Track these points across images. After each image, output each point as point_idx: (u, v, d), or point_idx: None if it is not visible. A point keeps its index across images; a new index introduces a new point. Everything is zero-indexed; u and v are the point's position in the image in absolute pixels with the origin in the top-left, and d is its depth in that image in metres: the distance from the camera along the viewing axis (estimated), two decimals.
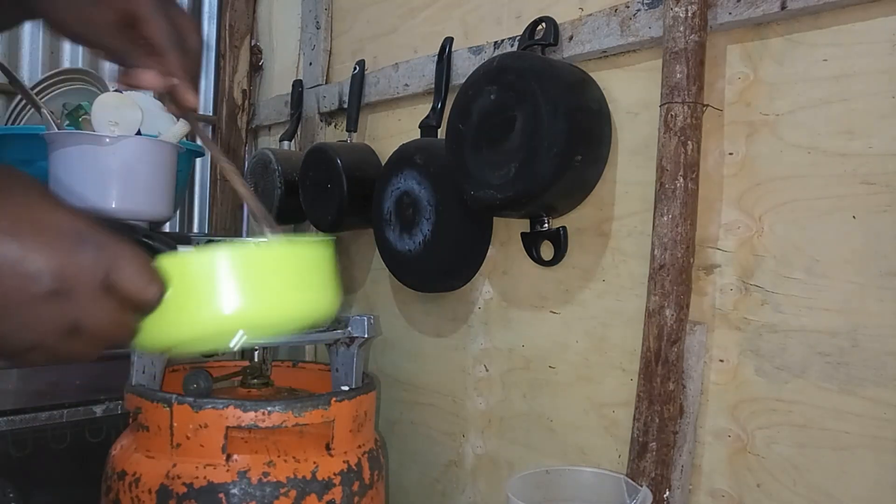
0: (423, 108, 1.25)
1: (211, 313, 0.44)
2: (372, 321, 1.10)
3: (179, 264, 0.44)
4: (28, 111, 1.45)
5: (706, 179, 0.87)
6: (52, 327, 0.38)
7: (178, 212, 1.83)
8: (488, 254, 1.16)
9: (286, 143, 1.58)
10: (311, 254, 0.49)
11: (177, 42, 0.55)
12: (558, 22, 1.02)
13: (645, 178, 0.93)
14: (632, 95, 0.97)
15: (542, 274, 1.08)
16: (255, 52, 1.85)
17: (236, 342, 0.48)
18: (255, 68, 1.85)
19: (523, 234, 1.06)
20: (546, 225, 1.03)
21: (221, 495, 0.93)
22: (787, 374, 0.81)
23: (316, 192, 1.34)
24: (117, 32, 0.54)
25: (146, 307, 0.41)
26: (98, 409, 1.24)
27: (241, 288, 0.44)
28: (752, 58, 0.85)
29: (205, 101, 1.92)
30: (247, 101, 1.82)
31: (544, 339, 1.08)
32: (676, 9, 0.85)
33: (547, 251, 1.05)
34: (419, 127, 1.22)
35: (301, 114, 1.60)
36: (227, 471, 0.94)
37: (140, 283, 0.40)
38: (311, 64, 1.59)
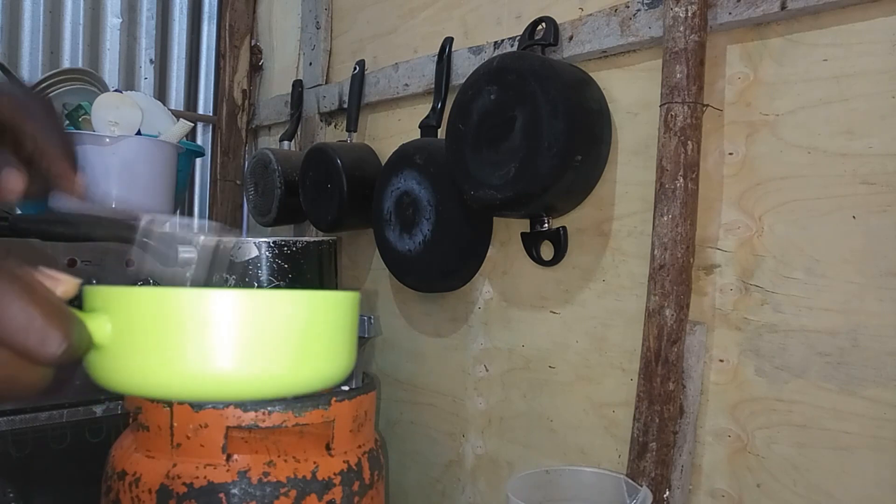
0: (423, 108, 1.25)
1: (161, 369, 0.36)
2: (372, 321, 1.11)
3: (126, 302, 0.37)
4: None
5: (706, 179, 0.87)
6: None
7: (178, 212, 1.83)
8: (488, 254, 1.16)
9: (286, 143, 1.59)
10: (319, 307, 0.40)
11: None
12: (558, 22, 1.02)
13: (645, 178, 0.93)
14: (632, 95, 0.97)
15: (542, 274, 1.08)
16: (255, 52, 1.85)
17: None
18: (255, 68, 1.85)
19: (523, 234, 1.06)
20: (546, 225, 1.03)
21: (221, 495, 0.93)
22: (787, 374, 0.81)
23: (316, 192, 1.34)
24: None
25: (46, 362, 0.34)
26: (98, 409, 1.24)
27: (204, 343, 0.36)
28: (752, 58, 0.85)
29: (205, 101, 1.92)
30: (247, 101, 1.82)
31: (544, 339, 1.08)
32: (676, 9, 0.85)
33: (547, 251, 1.05)
34: (419, 127, 1.22)
35: (301, 114, 1.60)
36: (228, 471, 0.94)
37: (30, 337, 0.33)
38: (311, 64, 1.59)
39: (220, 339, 0.36)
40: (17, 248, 1.11)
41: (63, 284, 0.37)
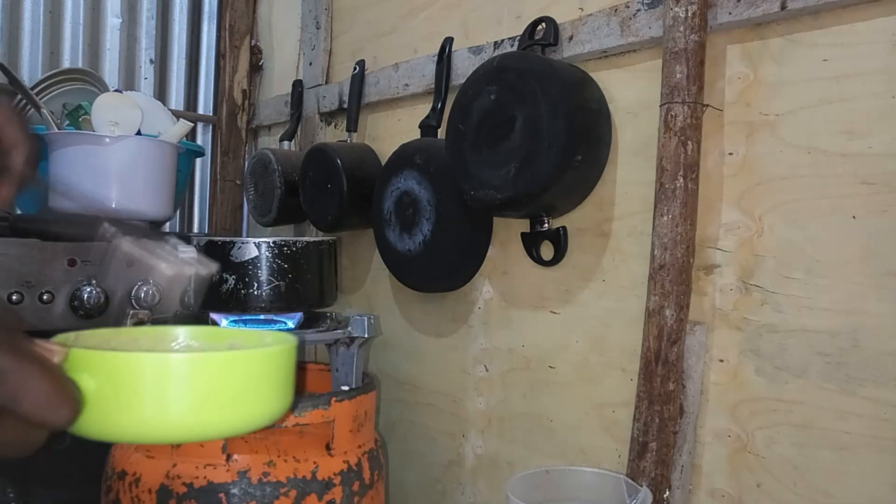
0: (423, 108, 1.25)
1: (135, 421, 0.44)
2: (372, 321, 1.11)
3: (108, 364, 0.44)
4: (28, 111, 1.45)
5: (706, 179, 0.87)
6: None
7: (178, 212, 1.83)
8: (488, 254, 1.16)
9: (286, 143, 1.59)
10: (254, 365, 0.49)
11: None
12: (558, 22, 1.02)
13: (645, 178, 0.93)
14: (632, 95, 0.97)
15: (542, 274, 1.08)
16: (255, 52, 1.85)
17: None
18: (255, 68, 1.85)
19: (523, 234, 1.06)
20: (546, 225, 1.03)
21: (221, 495, 0.93)
22: (787, 375, 0.81)
23: (316, 192, 1.34)
24: None
25: (56, 428, 0.40)
26: None
27: (170, 399, 0.44)
28: (752, 58, 0.85)
29: (205, 101, 1.92)
30: (247, 101, 1.82)
31: (544, 339, 1.08)
32: (676, 9, 0.85)
33: (547, 251, 1.05)
34: (419, 127, 1.22)
35: (301, 114, 1.60)
36: (228, 471, 0.94)
37: (47, 410, 0.39)
38: (311, 64, 1.59)
39: (179, 396, 0.45)
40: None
41: (56, 354, 0.42)
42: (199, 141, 1.90)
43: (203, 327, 0.68)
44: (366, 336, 1.10)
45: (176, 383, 0.44)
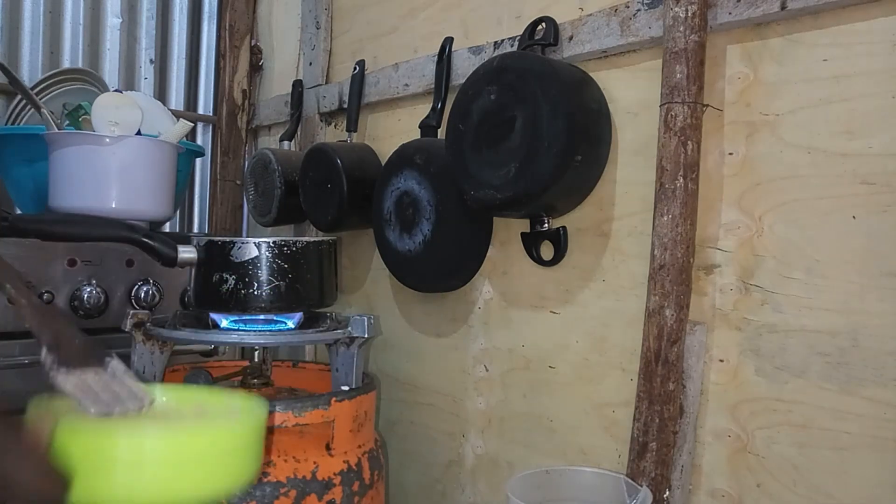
0: (423, 108, 1.25)
1: (114, 493, 0.47)
2: (372, 321, 1.11)
3: (91, 441, 0.47)
4: (28, 111, 1.45)
5: (706, 179, 0.87)
6: None
7: (178, 212, 1.83)
8: (488, 254, 1.16)
9: (286, 143, 1.58)
10: (229, 436, 0.52)
11: None
12: (558, 22, 1.02)
13: (645, 178, 0.93)
14: (632, 95, 0.97)
15: (542, 274, 1.08)
16: (255, 52, 1.85)
17: None
18: (255, 68, 1.85)
19: (523, 234, 1.06)
20: (546, 225, 1.03)
21: None
22: (787, 374, 0.81)
23: (316, 192, 1.34)
24: None
25: (46, 502, 0.43)
26: None
27: (148, 475, 0.48)
28: (752, 58, 0.85)
29: (205, 101, 1.92)
30: (247, 101, 1.82)
31: (544, 339, 1.08)
32: (676, 9, 0.85)
33: (547, 251, 1.05)
34: (419, 127, 1.22)
35: (301, 114, 1.60)
36: None
37: (41, 493, 0.42)
38: (311, 64, 1.59)
39: (151, 469, 0.48)
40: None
41: (45, 434, 0.45)
42: (199, 141, 1.90)
43: (173, 385, 0.71)
44: (366, 336, 1.10)
45: (147, 457, 0.47)
